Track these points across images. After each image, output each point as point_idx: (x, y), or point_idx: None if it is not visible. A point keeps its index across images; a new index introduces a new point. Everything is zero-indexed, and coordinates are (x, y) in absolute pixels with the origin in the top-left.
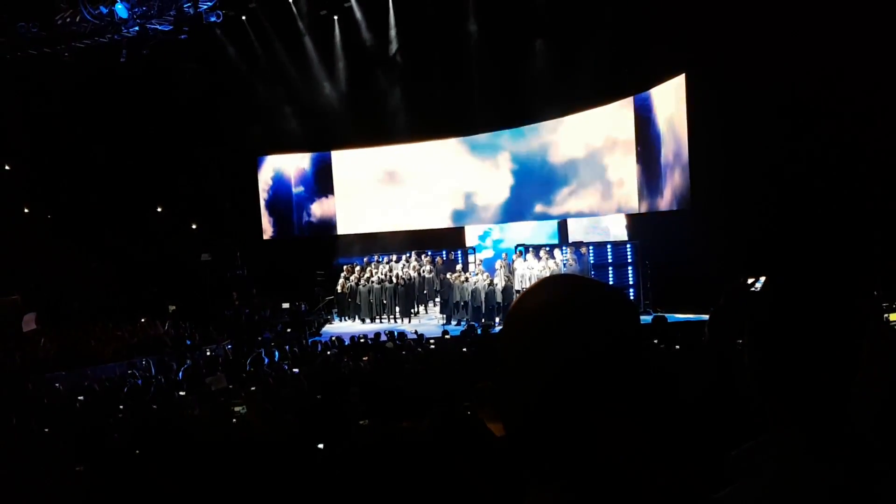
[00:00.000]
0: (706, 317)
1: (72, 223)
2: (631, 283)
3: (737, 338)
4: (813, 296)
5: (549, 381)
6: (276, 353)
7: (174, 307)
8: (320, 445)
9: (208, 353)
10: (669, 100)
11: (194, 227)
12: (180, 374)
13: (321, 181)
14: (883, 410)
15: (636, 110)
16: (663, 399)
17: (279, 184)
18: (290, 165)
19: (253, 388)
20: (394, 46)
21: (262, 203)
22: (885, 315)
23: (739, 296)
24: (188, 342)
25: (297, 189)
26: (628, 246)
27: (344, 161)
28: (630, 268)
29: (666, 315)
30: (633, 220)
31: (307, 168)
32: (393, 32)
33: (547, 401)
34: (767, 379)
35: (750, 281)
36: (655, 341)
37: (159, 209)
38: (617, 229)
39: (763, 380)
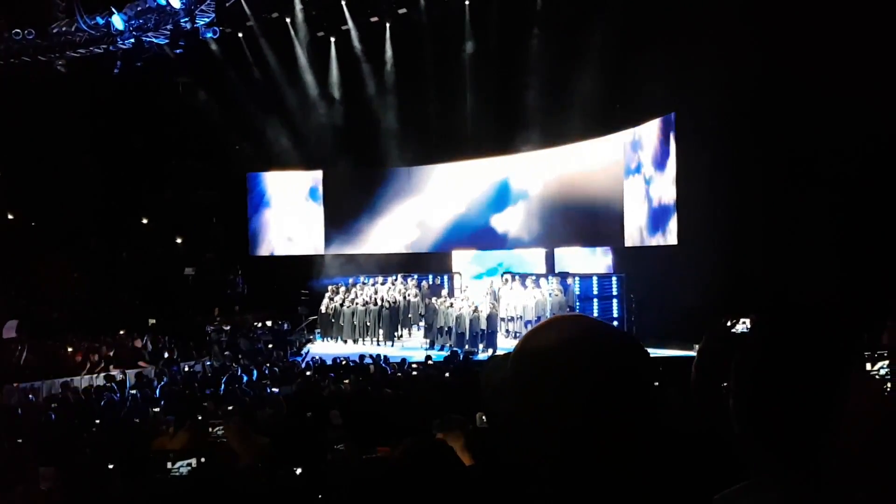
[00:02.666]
0: (688, 353)
1: (56, 232)
2: (615, 315)
3: (723, 380)
4: (801, 340)
5: (570, 424)
6: (255, 372)
7: (154, 321)
8: (298, 470)
9: (186, 369)
10: (659, 136)
11: (179, 240)
12: (157, 391)
13: (310, 200)
14: (866, 457)
15: (625, 145)
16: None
17: (268, 201)
18: (279, 183)
19: (230, 408)
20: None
21: (249, 219)
22: (871, 363)
23: (722, 337)
24: (164, 356)
25: (285, 207)
26: (614, 278)
27: (334, 181)
28: (615, 300)
29: (649, 350)
30: (619, 254)
31: (297, 186)
32: (389, 56)
33: (565, 442)
34: (752, 422)
35: (730, 323)
36: None
37: (145, 221)
38: (603, 262)
39: (748, 423)
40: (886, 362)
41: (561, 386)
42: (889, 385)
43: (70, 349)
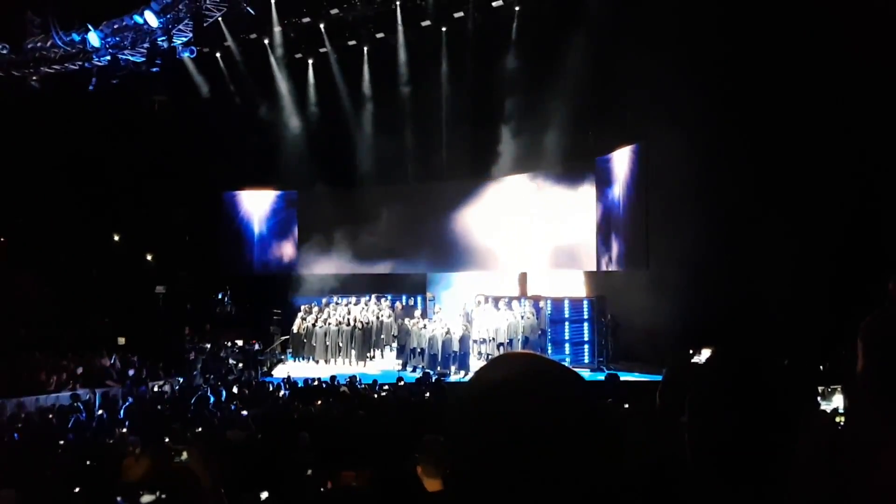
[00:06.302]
0: (655, 377)
1: (26, 248)
2: (586, 339)
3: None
4: (751, 376)
5: (497, 457)
6: (223, 393)
7: (123, 340)
8: (264, 494)
9: (156, 389)
10: (629, 164)
11: (149, 257)
12: (122, 411)
13: (284, 220)
14: (816, 490)
15: (597, 172)
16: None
17: (241, 220)
18: (253, 202)
19: (198, 430)
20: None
21: (222, 238)
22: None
23: (683, 369)
24: (130, 374)
25: (258, 226)
26: (585, 302)
27: (309, 200)
28: (587, 324)
29: (619, 373)
30: (591, 278)
31: (271, 206)
32: (366, 79)
33: (495, 475)
34: (704, 455)
35: (692, 351)
36: (609, 399)
37: (116, 238)
38: (575, 286)
39: (700, 456)
40: (841, 397)
41: (507, 422)
42: (842, 419)
43: (37, 367)
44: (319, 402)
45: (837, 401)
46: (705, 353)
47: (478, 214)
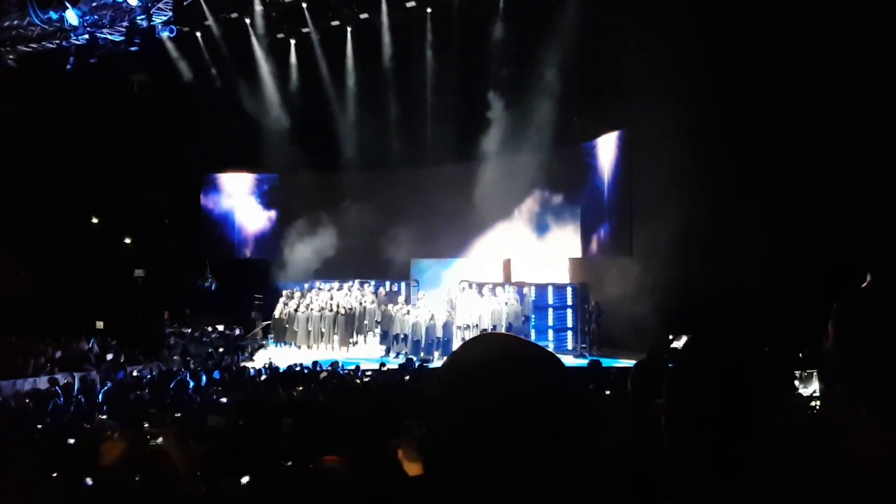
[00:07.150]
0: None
1: (2, 231)
2: (570, 325)
3: (657, 395)
4: (728, 359)
5: (480, 440)
6: (204, 378)
7: (102, 323)
8: (244, 479)
9: (134, 374)
10: (614, 150)
11: (128, 241)
12: (100, 395)
13: (265, 203)
14: (794, 472)
15: (582, 158)
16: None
17: (222, 203)
18: (234, 185)
19: (177, 415)
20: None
21: (203, 221)
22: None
23: (662, 353)
24: (108, 358)
25: (239, 209)
26: (569, 288)
27: (290, 184)
28: (570, 310)
29: (602, 359)
30: (575, 265)
31: (252, 189)
32: (349, 60)
33: (477, 459)
34: (681, 438)
35: (671, 337)
36: (591, 385)
37: (95, 221)
38: (559, 273)
39: (677, 439)
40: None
41: (481, 402)
42: (817, 403)
43: (14, 351)
44: (301, 388)
45: (815, 385)
46: (681, 341)
47: (462, 199)
